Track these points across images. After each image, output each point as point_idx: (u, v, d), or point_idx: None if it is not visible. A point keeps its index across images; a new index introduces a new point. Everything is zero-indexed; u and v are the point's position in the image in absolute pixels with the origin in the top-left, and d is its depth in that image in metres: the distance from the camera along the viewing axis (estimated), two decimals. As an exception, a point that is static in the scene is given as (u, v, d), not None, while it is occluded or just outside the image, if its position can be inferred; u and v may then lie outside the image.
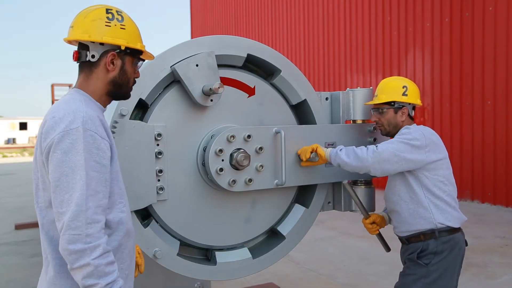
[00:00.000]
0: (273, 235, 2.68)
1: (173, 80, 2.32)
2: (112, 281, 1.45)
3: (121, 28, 1.65)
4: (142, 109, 2.30)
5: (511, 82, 7.93)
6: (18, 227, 7.77)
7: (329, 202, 2.81)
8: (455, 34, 8.90)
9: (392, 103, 2.52)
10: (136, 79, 1.79)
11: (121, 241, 1.63)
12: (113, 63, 1.65)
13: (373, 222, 2.62)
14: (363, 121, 2.78)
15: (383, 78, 11.09)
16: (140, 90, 2.18)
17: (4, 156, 33.26)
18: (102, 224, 1.48)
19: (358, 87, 2.85)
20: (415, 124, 2.56)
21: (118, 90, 1.71)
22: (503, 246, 5.65)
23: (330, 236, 6.45)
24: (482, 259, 5.08)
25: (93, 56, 1.63)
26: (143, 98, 2.21)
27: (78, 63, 1.69)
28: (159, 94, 2.31)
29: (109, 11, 1.64)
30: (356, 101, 2.75)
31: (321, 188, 2.70)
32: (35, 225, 7.84)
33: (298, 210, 2.66)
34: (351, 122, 2.79)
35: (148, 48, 1.80)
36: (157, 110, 2.25)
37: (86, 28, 1.62)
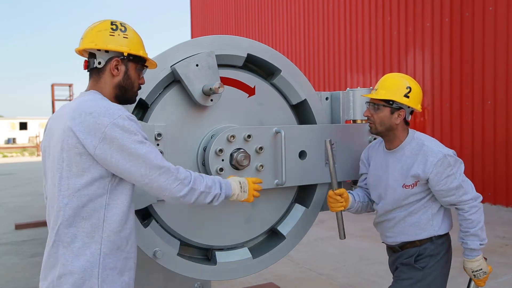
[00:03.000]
0: (273, 235, 2.68)
1: (173, 80, 2.32)
2: (219, 190, 1.90)
3: (124, 37, 1.85)
4: (142, 109, 2.31)
5: (511, 82, 7.93)
6: (18, 227, 7.77)
7: (329, 202, 2.81)
8: (455, 34, 8.90)
9: (391, 102, 2.30)
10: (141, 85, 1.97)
11: (132, 232, 1.82)
12: (117, 68, 1.85)
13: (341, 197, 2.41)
14: (363, 121, 2.78)
15: (383, 78, 11.08)
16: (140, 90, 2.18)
17: (4, 156, 33.27)
18: (178, 166, 1.80)
19: (358, 87, 2.85)
20: (414, 131, 2.41)
21: (124, 93, 1.89)
22: (503, 246, 5.65)
23: (330, 236, 6.45)
24: (482, 259, 5.07)
25: (99, 63, 1.83)
26: (143, 98, 2.21)
27: (88, 71, 1.89)
28: (159, 94, 2.31)
29: (113, 23, 1.86)
30: (356, 101, 2.75)
31: (321, 188, 2.69)
32: (35, 225, 7.84)
33: (298, 210, 2.66)
34: (351, 122, 2.79)
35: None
36: (157, 110, 2.25)
37: (93, 38, 1.83)
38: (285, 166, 2.40)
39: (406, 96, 2.30)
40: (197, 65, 2.26)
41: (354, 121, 2.78)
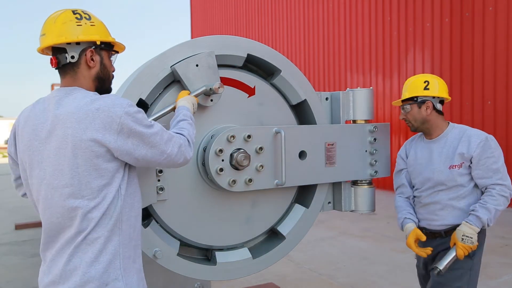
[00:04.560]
0: (273, 235, 2.68)
1: (173, 80, 2.32)
2: (191, 126, 1.96)
3: (91, 25, 1.75)
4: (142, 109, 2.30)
5: (511, 82, 7.93)
6: (18, 227, 7.78)
7: (329, 202, 2.81)
8: (455, 34, 8.90)
9: (415, 99, 2.60)
10: (114, 73, 1.90)
11: (137, 219, 1.81)
12: (92, 59, 1.76)
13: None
14: (364, 121, 2.78)
15: (383, 78, 11.14)
16: (140, 90, 2.18)
17: (4, 156, 33.27)
18: (177, 134, 1.84)
19: (358, 87, 2.85)
20: (449, 122, 2.67)
21: (103, 84, 1.82)
22: (503, 246, 5.65)
23: (330, 236, 6.45)
24: (482, 259, 5.07)
25: (72, 57, 1.73)
26: (143, 98, 2.21)
27: (58, 69, 1.77)
28: (159, 94, 2.31)
29: (75, 12, 1.75)
30: (356, 101, 2.75)
31: (321, 188, 2.69)
32: (35, 225, 7.84)
33: (298, 210, 2.66)
34: (351, 122, 2.79)
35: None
36: (157, 110, 2.25)
37: (60, 32, 1.71)
38: (285, 166, 2.40)
39: (426, 88, 2.60)
40: (197, 65, 2.26)
41: (354, 121, 2.78)
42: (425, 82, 2.61)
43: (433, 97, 2.60)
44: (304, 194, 2.72)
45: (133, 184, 1.81)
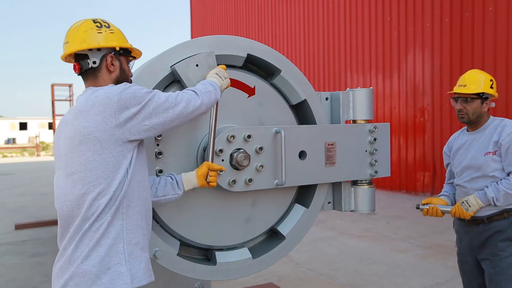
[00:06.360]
0: (273, 235, 2.68)
1: (173, 80, 2.32)
2: (211, 87, 2.04)
3: (110, 33, 1.90)
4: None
5: (511, 82, 7.93)
6: (18, 227, 7.79)
7: (329, 202, 2.81)
8: (455, 34, 8.90)
9: (481, 94, 2.78)
10: (132, 78, 2.02)
11: (143, 208, 1.86)
12: (113, 64, 1.89)
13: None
14: (364, 121, 2.78)
15: (383, 78, 11.14)
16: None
17: (4, 156, 33.29)
18: (181, 92, 1.94)
19: (358, 87, 2.85)
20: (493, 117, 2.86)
21: None
22: (503, 246, 5.64)
23: (330, 236, 6.45)
24: None
25: (94, 62, 1.86)
26: (143, 98, 2.21)
27: (81, 74, 1.91)
28: (159, 94, 2.30)
29: (95, 21, 1.90)
30: (356, 101, 2.75)
31: (321, 188, 2.69)
32: (35, 225, 7.86)
33: (298, 210, 2.66)
34: (351, 122, 2.79)
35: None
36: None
37: (82, 39, 1.85)
38: (285, 166, 2.40)
39: (491, 87, 2.83)
40: (197, 65, 2.26)
41: (354, 121, 2.78)
42: (490, 80, 2.83)
43: (492, 96, 2.83)
44: (304, 194, 2.72)
45: (140, 172, 1.85)
